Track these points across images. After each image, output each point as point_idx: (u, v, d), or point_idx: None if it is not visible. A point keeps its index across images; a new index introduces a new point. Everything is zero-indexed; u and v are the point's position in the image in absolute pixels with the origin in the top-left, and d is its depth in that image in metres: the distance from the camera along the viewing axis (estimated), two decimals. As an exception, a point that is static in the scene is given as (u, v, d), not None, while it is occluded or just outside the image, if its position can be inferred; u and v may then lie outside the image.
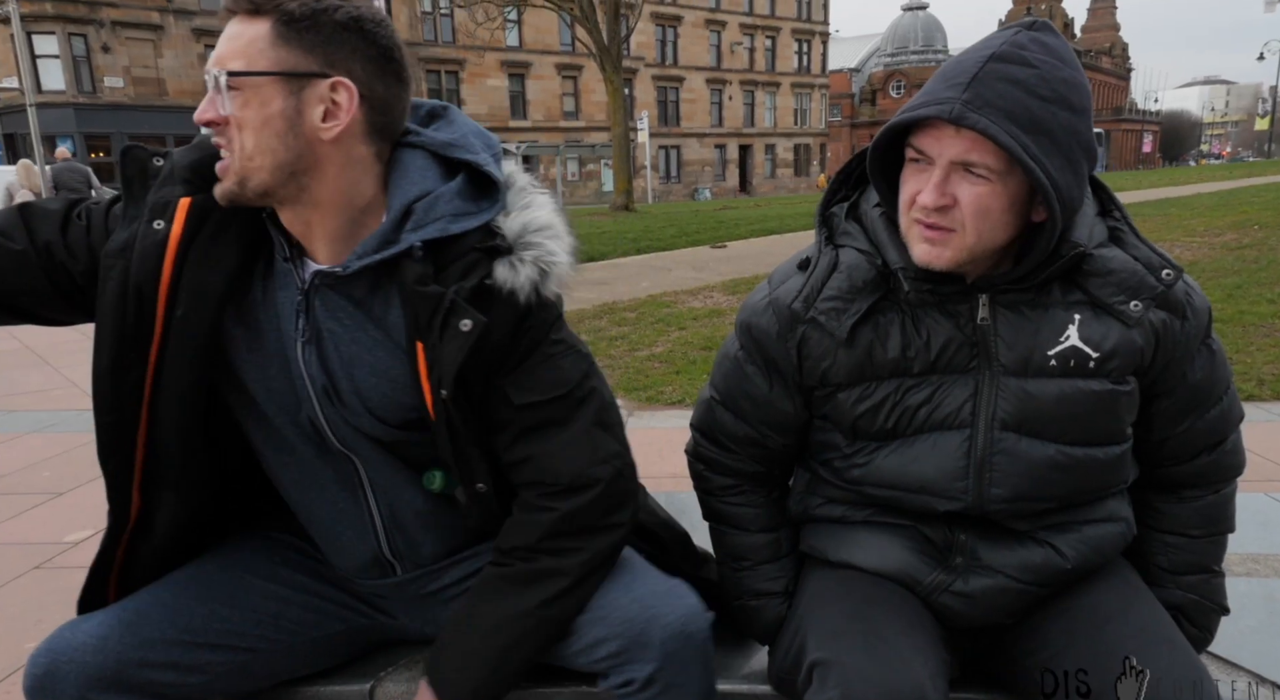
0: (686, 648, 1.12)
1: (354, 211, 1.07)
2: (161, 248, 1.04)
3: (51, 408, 4.33)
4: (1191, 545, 1.27)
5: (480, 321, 1.03)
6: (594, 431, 1.15)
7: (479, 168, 1.09)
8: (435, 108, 1.18)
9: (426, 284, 1.04)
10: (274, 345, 1.12)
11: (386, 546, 1.24)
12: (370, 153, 1.07)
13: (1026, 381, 1.12)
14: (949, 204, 1.02)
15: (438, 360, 1.05)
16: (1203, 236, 9.69)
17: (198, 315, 1.06)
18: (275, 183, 1.02)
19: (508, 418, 1.13)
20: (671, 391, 4.26)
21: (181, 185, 1.06)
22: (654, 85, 44.09)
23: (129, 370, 1.07)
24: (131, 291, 1.05)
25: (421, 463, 1.19)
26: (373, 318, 1.10)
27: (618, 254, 10.96)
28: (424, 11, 35.49)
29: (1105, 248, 1.10)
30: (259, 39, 0.99)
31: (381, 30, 1.04)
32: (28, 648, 1.19)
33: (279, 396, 1.14)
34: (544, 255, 1.08)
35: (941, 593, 1.21)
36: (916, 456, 1.17)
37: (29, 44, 24.00)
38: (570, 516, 1.13)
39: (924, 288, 1.10)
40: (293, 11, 0.99)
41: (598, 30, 20.86)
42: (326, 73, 1.00)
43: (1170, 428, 1.21)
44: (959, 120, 0.96)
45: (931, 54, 64.40)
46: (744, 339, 1.25)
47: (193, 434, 1.14)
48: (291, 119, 1.00)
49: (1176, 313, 1.12)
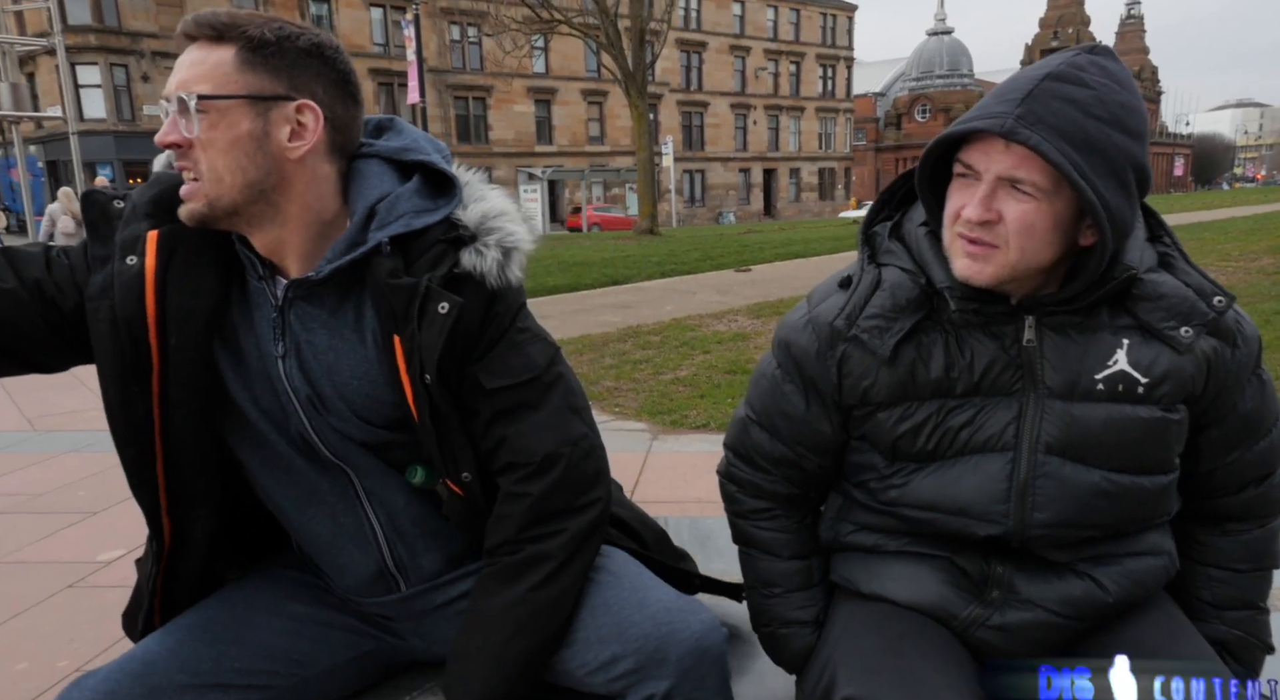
0: (703, 663, 1.12)
1: (320, 226, 1.11)
2: (140, 281, 1.07)
3: (87, 428, 4.40)
4: (1237, 580, 1.24)
5: (457, 302, 1.08)
6: (564, 413, 1.19)
7: (433, 166, 1.15)
8: (383, 120, 1.23)
9: (399, 276, 1.08)
10: (257, 365, 1.14)
11: (389, 558, 1.25)
12: (333, 170, 1.12)
13: (1072, 405, 1.10)
14: (993, 220, 1.01)
15: (418, 348, 1.08)
16: (1238, 261, 9.54)
17: (190, 341, 1.09)
18: (244, 201, 1.06)
19: (480, 403, 1.16)
20: (696, 415, 4.24)
21: (146, 220, 1.09)
22: (679, 110, 44.46)
23: (137, 403, 1.10)
24: (123, 326, 1.07)
25: (406, 463, 1.20)
26: (347, 324, 1.14)
27: (642, 277, 10.99)
28: (453, 40, 36.13)
29: (1155, 272, 1.08)
30: (224, 64, 1.02)
31: (339, 56, 1.10)
32: (61, 666, 1.21)
33: (269, 414, 1.16)
34: (505, 237, 1.14)
35: (978, 627, 1.18)
36: (957, 478, 1.15)
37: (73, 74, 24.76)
38: (544, 499, 1.15)
39: (969, 307, 1.09)
40: (258, 38, 1.03)
41: (623, 57, 21.10)
42: (292, 96, 1.05)
43: (1218, 459, 1.18)
44: (1010, 134, 0.96)
45: (957, 78, 64.36)
46: (782, 357, 1.24)
47: (208, 457, 1.16)
48: (259, 139, 1.04)
49: (1227, 341, 1.10)
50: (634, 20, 21.13)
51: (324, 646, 1.27)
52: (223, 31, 1.03)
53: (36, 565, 2.69)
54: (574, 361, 5.75)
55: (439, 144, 1.21)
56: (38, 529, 2.97)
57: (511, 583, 1.15)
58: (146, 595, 1.24)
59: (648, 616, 1.14)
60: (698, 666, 1.11)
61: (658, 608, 1.15)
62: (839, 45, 52.81)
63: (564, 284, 10.24)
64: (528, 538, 1.16)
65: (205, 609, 1.24)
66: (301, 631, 1.26)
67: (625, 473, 3.41)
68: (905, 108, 65.28)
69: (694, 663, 1.11)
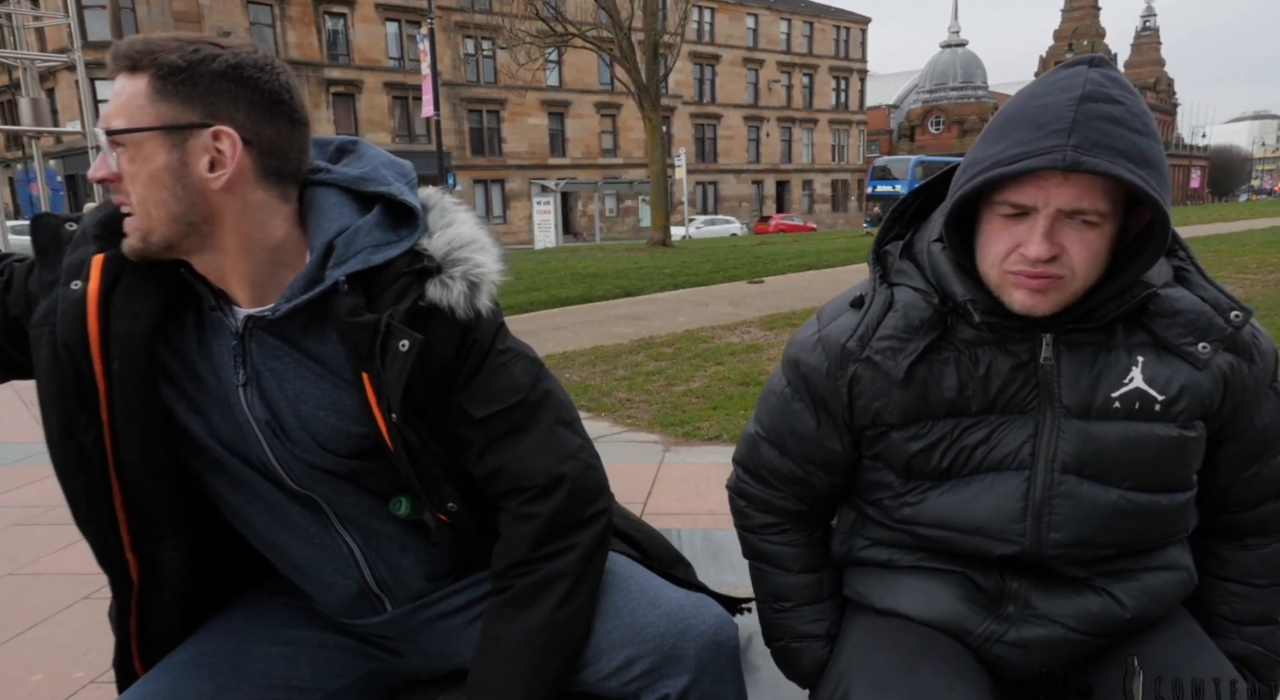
0: (719, 657, 1.11)
1: (266, 253, 1.06)
2: (82, 306, 1.03)
3: (103, 438, 4.43)
4: (1256, 594, 1.22)
5: (417, 339, 1.03)
6: (557, 430, 1.16)
7: (394, 198, 1.10)
8: (344, 143, 1.19)
9: (360, 314, 1.04)
10: (216, 393, 1.11)
11: (371, 578, 1.22)
12: (270, 196, 1.06)
13: (1089, 423, 1.09)
14: (1057, 253, 0.99)
15: (383, 386, 1.05)
16: (1256, 273, 9.45)
17: (132, 365, 1.05)
18: (175, 235, 1.02)
19: (470, 434, 1.13)
20: (709, 427, 4.23)
21: (94, 243, 1.06)
22: (692, 122, 44.61)
23: (85, 432, 1.06)
24: (63, 354, 1.03)
25: (385, 490, 1.17)
26: (310, 355, 1.09)
27: (655, 289, 11.00)
28: (467, 54, 36.43)
29: (1171, 288, 1.07)
30: (138, 95, 0.98)
31: (263, 75, 1.02)
32: (77, 677, 1.21)
33: (229, 444, 1.12)
34: (471, 268, 1.09)
35: (994, 643, 1.17)
36: (972, 497, 1.14)
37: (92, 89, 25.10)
38: (554, 518, 1.13)
39: (993, 321, 1.07)
40: (169, 65, 0.98)
41: (636, 70, 21.20)
42: (208, 122, 0.99)
43: (1236, 474, 1.17)
44: (1075, 166, 0.92)
45: (971, 90, 64.26)
46: (791, 375, 1.24)
47: (168, 486, 1.12)
48: (178, 171, 0.99)
49: (1244, 355, 1.09)
50: (648, 33, 21.24)
51: (324, 670, 1.25)
52: (136, 61, 0.98)
53: (53, 577, 2.71)
54: (587, 373, 5.76)
55: (403, 166, 1.16)
56: (55, 540, 2.99)
57: (530, 606, 1.12)
58: (123, 642, 1.19)
59: (662, 614, 1.14)
60: (715, 660, 1.11)
61: (670, 605, 1.15)
62: (852, 57, 52.87)
63: (577, 295, 10.26)
64: (540, 557, 1.13)
65: (196, 645, 1.20)
66: (299, 657, 1.23)
67: (638, 484, 3.41)
68: (919, 120, 65.20)
69: (711, 657, 1.11)
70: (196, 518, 1.18)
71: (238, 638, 1.22)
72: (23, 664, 2.15)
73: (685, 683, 1.09)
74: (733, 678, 1.14)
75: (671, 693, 1.09)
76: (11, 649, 2.24)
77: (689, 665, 1.10)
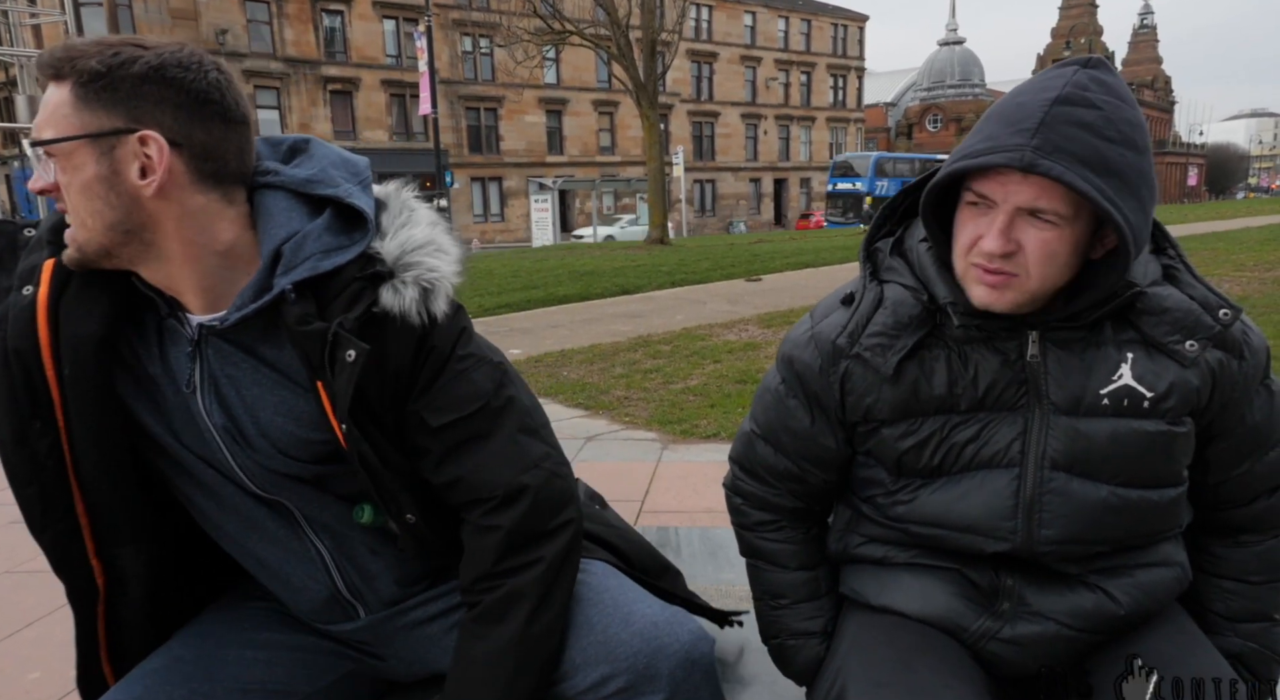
0: (694, 674, 1.11)
1: (216, 258, 1.04)
2: (32, 311, 1.01)
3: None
4: (1250, 591, 1.23)
5: (363, 349, 1.00)
6: (519, 438, 1.13)
7: (342, 200, 1.06)
8: (297, 142, 1.14)
9: (309, 323, 1.01)
10: (175, 399, 1.09)
11: (342, 584, 1.20)
12: (211, 199, 1.02)
13: (1078, 420, 1.09)
14: (1013, 250, 1.00)
15: (334, 395, 1.03)
16: (1253, 271, 9.47)
17: (83, 370, 1.03)
18: (112, 243, 1.00)
19: (427, 442, 1.11)
20: (706, 425, 4.24)
21: (47, 248, 1.04)
22: (689, 120, 44.58)
23: (40, 437, 1.04)
24: (13, 359, 1.02)
25: (353, 495, 1.15)
26: (267, 362, 1.08)
27: (652, 287, 11.00)
28: (464, 51, 36.37)
29: (1160, 286, 1.07)
30: (63, 104, 0.96)
31: (188, 74, 0.98)
32: (73, 675, 1.20)
33: (192, 448, 1.11)
34: (424, 273, 1.06)
35: (988, 640, 1.17)
36: (963, 494, 1.14)
37: (90, 86, 25.07)
38: (515, 531, 1.10)
39: (973, 324, 1.08)
40: (89, 71, 0.95)
41: (634, 67, 21.20)
42: (132, 128, 0.96)
43: (1227, 471, 1.17)
44: (1031, 167, 0.94)
45: (969, 88, 64.33)
46: (785, 372, 1.24)
47: (127, 490, 1.10)
48: (109, 180, 0.97)
49: (1233, 353, 1.09)
50: (645, 31, 21.22)
51: (301, 672, 1.23)
52: (59, 68, 0.95)
53: (50, 575, 2.69)
54: (584, 371, 5.76)
55: (356, 165, 1.12)
56: (51, 537, 2.98)
57: (499, 622, 1.10)
58: (90, 653, 1.18)
59: (635, 633, 1.12)
60: (689, 679, 1.10)
61: (644, 623, 1.13)
62: (850, 55, 52.85)
63: (574, 293, 10.26)
64: (504, 571, 1.11)
65: (169, 651, 1.18)
66: (275, 660, 1.21)
67: (635, 482, 3.41)
68: (916, 118, 65.27)
69: (685, 675, 1.10)
70: (164, 522, 1.17)
71: (212, 642, 1.20)
72: (19, 662, 2.15)
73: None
74: (708, 695, 1.13)
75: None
76: (8, 647, 2.24)
77: (663, 684, 1.09)
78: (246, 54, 30.80)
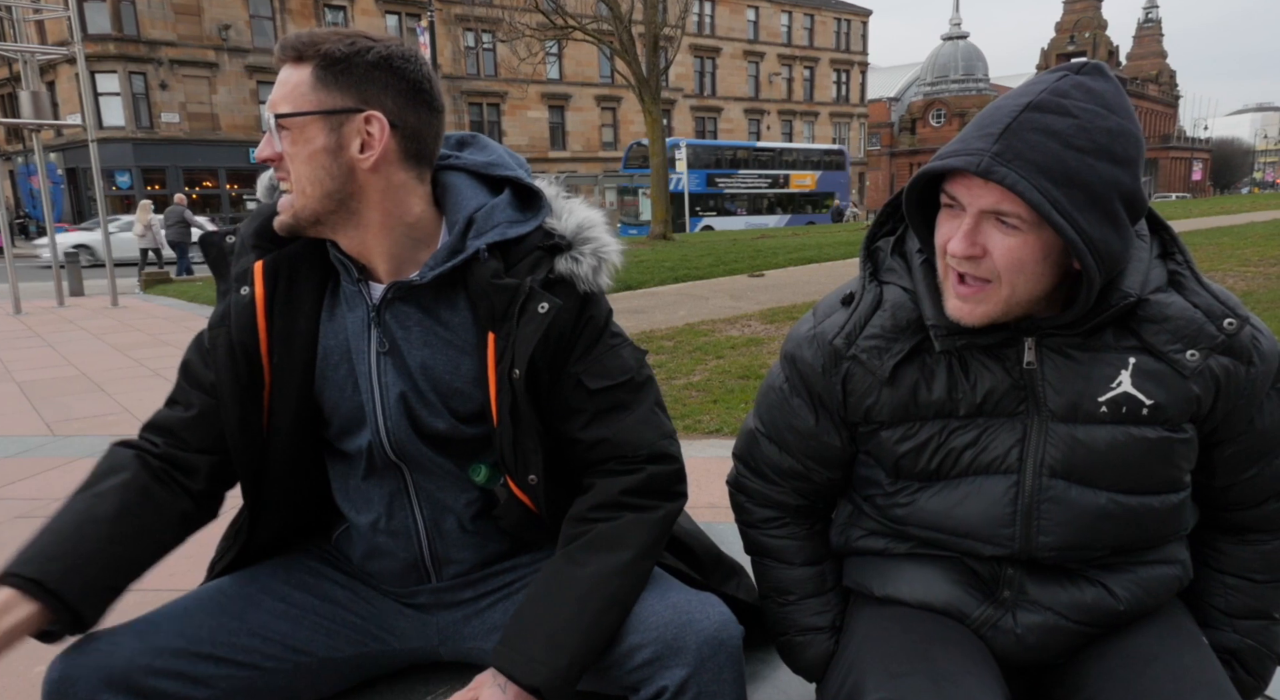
0: (720, 654, 1.12)
1: (405, 228, 1.18)
2: (251, 309, 1.17)
3: (105, 433, 4.44)
4: (1252, 589, 1.22)
5: (556, 303, 1.16)
6: (656, 411, 1.27)
7: (520, 181, 1.23)
8: (464, 137, 1.30)
9: (501, 277, 1.15)
10: (345, 366, 1.22)
11: (427, 553, 1.30)
12: (410, 176, 1.17)
13: (1076, 428, 1.08)
14: (979, 254, 0.99)
15: (510, 345, 1.15)
16: (1258, 266, 9.43)
17: (293, 359, 1.20)
18: (325, 210, 1.14)
19: (582, 403, 1.22)
20: (709, 420, 4.24)
21: (253, 252, 1.20)
22: (692, 115, 44.54)
23: (253, 419, 1.20)
24: (239, 351, 1.18)
25: (469, 460, 1.25)
26: (440, 321, 1.20)
27: (655, 283, 10.99)
28: (467, 47, 36.36)
29: (1164, 293, 1.05)
30: (302, 83, 1.10)
31: (409, 65, 1.14)
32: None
33: (345, 414, 1.23)
34: (600, 247, 1.23)
35: (990, 628, 1.18)
36: (961, 500, 1.14)
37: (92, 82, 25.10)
38: (653, 478, 1.22)
39: (958, 344, 1.08)
40: (330, 54, 1.10)
41: (637, 63, 21.14)
42: (361, 107, 1.11)
43: (1235, 475, 1.15)
44: (986, 174, 0.94)
45: (972, 83, 64.11)
46: (789, 371, 1.24)
47: (298, 462, 1.26)
48: (334, 151, 1.11)
49: (1242, 359, 1.06)
50: (648, 26, 21.16)
51: (321, 638, 1.28)
52: (302, 52, 1.11)
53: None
54: (587, 367, 5.74)
55: (520, 157, 1.29)
56: (56, 532, 2.99)
57: (610, 550, 1.16)
58: (230, 549, 1.34)
59: (668, 605, 1.15)
60: (714, 657, 1.12)
61: (677, 597, 1.17)
62: (853, 50, 52.72)
63: (577, 289, 10.24)
64: (628, 505, 1.20)
65: (220, 583, 1.29)
66: (302, 619, 1.28)
67: (638, 478, 3.40)
68: (920, 112, 65.08)
69: (711, 653, 1.11)
70: (303, 480, 1.31)
71: (256, 587, 1.29)
72: (25, 656, 2.15)
73: (683, 676, 1.10)
74: (732, 677, 1.14)
75: (670, 685, 1.10)
76: (14, 642, 2.24)
77: (689, 658, 1.10)
78: (250, 49, 30.83)
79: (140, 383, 5.74)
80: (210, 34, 30.22)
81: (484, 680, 1.11)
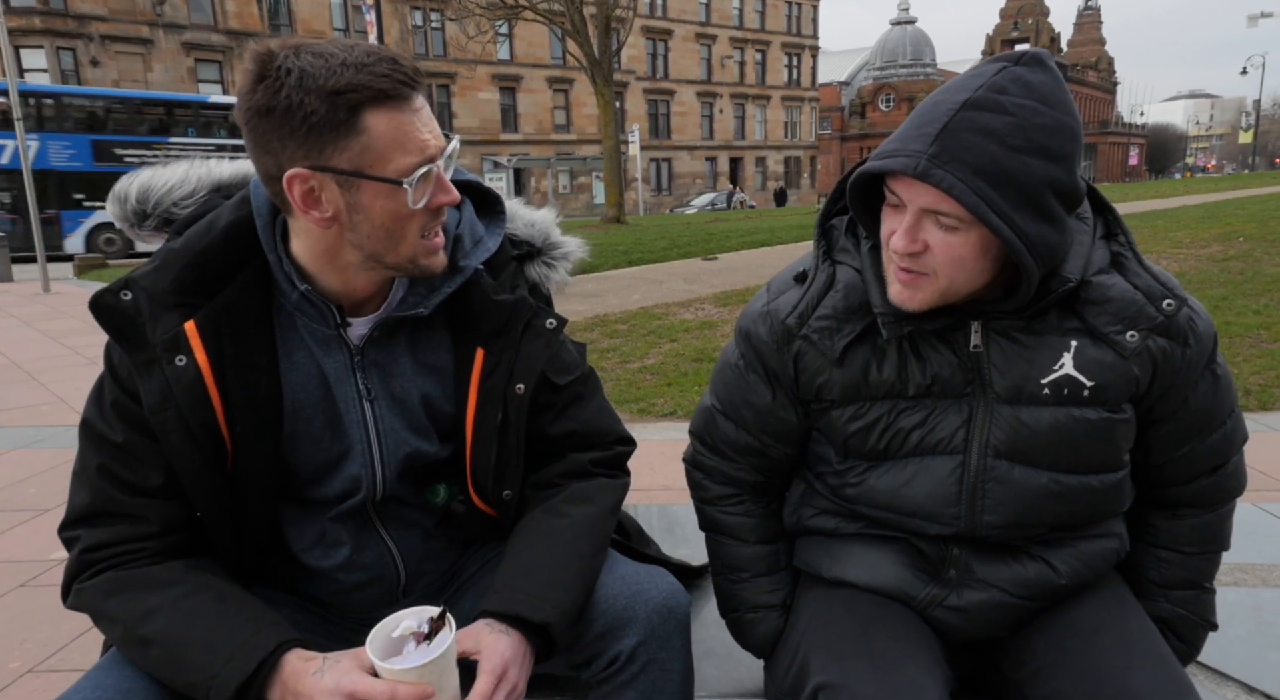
0: (668, 622, 1.14)
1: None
2: (199, 381, 1.03)
3: (38, 423, 4.30)
4: (1184, 561, 1.27)
5: (563, 320, 1.18)
6: (606, 400, 1.32)
7: (481, 186, 1.20)
8: None
9: (499, 294, 1.16)
10: (320, 417, 1.13)
11: (403, 574, 1.24)
12: None
13: (1020, 409, 1.11)
14: (920, 250, 1.01)
15: (508, 360, 1.15)
16: (1188, 248, 9.77)
17: (259, 422, 1.08)
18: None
19: (550, 398, 1.23)
20: (663, 403, 4.26)
21: (175, 312, 1.03)
22: (645, 98, 44.31)
23: (222, 488, 1.09)
24: (198, 431, 1.04)
25: (430, 482, 1.23)
26: (422, 346, 1.18)
27: (609, 266, 10.97)
28: (415, 25, 35.56)
29: (1106, 274, 1.08)
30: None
31: None
32: (13, 667, 1.18)
33: (318, 464, 1.14)
34: (571, 251, 1.27)
35: (935, 607, 1.21)
36: (908, 480, 1.16)
37: (16, 58, 23.95)
38: (619, 455, 1.29)
39: (904, 331, 1.09)
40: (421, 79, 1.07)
41: (589, 44, 20.94)
42: None
43: (1169, 452, 1.19)
44: (923, 176, 0.95)
45: (920, 68, 64.94)
46: (744, 347, 1.25)
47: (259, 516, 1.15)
48: None
49: (1178, 340, 1.09)
50: (600, 7, 20.97)
51: None
52: (419, 81, 1.03)
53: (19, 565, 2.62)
54: (540, 351, 5.71)
55: None
56: (-11, 527, 2.89)
57: (589, 502, 1.19)
58: None
59: (617, 577, 1.17)
60: (664, 625, 1.13)
61: (625, 570, 1.19)
62: (804, 34, 52.96)
63: (530, 273, 10.16)
64: (598, 472, 1.25)
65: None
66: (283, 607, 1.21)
67: (592, 462, 3.40)
68: (869, 97, 65.74)
69: (660, 621, 1.13)
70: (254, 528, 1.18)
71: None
72: None
73: (634, 644, 1.11)
74: (680, 645, 1.16)
75: (622, 651, 1.11)
76: (-54, 640, 2.16)
77: (639, 627, 1.12)
78: (186, 26, 29.69)
79: (75, 371, 5.56)
80: (144, 8, 29.01)
81: (477, 631, 1.04)
